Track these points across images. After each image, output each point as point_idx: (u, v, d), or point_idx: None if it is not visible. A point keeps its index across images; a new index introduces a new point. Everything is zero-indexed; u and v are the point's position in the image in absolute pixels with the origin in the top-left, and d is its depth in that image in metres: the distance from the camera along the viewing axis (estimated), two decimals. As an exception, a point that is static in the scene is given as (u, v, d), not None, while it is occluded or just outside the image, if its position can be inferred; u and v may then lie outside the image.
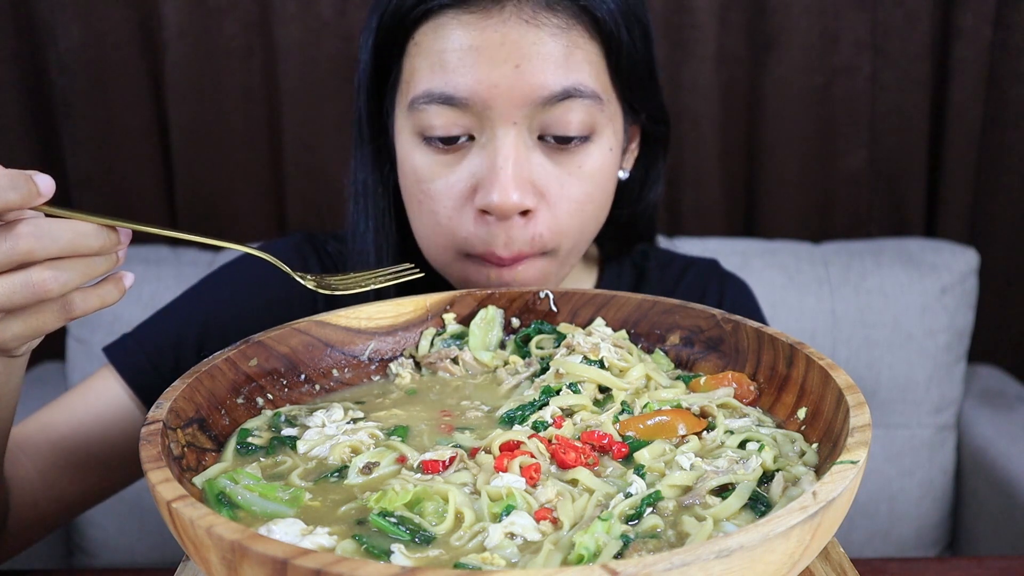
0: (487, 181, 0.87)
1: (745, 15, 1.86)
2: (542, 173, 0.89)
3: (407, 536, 0.55)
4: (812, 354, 0.70)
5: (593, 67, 0.89)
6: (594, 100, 0.88)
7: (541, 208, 0.89)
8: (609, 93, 0.92)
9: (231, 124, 1.90)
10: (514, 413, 0.73)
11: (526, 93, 0.85)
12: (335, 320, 0.82)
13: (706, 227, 1.96)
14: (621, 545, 0.53)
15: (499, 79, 0.85)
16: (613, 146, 0.93)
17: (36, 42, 1.86)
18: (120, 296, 0.70)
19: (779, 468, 0.62)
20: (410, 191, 0.94)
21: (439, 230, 0.92)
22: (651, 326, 0.85)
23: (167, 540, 1.68)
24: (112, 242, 0.67)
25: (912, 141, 1.92)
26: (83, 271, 0.66)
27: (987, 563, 0.95)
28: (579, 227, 0.93)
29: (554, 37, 0.86)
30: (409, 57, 0.91)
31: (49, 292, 0.64)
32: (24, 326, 0.67)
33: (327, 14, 1.84)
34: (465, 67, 0.85)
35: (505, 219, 0.88)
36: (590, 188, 0.91)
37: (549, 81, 0.85)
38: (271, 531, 0.55)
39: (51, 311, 0.67)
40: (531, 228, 0.89)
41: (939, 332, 1.73)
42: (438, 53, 0.87)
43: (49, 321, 0.67)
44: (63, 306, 0.67)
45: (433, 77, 0.87)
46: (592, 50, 0.89)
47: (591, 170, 0.91)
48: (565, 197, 0.90)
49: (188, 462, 0.63)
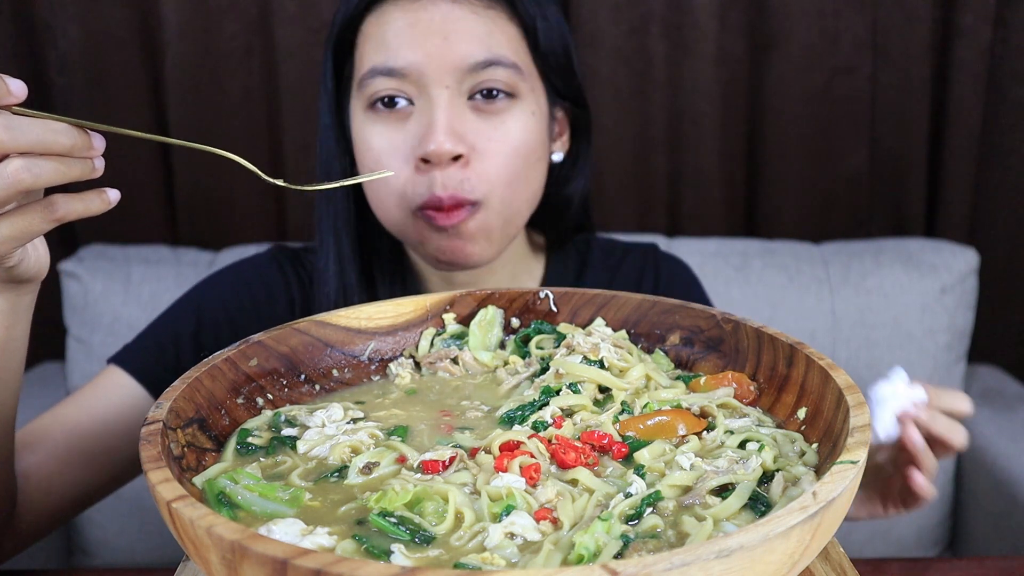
0: (424, 135, 0.98)
1: (745, 15, 1.86)
2: (472, 127, 1.00)
3: (407, 536, 0.55)
4: (812, 354, 0.70)
5: (512, 43, 1.02)
6: (514, 69, 1.01)
7: (473, 158, 1.00)
8: (529, 68, 1.04)
9: (231, 124, 1.90)
10: (514, 413, 0.73)
11: (454, 61, 0.98)
12: (335, 320, 0.82)
13: (706, 227, 1.96)
14: (621, 545, 0.53)
15: (431, 48, 0.98)
16: (535, 111, 1.05)
17: (36, 42, 1.85)
18: (103, 207, 0.71)
19: (779, 468, 0.62)
20: (363, 162, 1.05)
21: (387, 189, 1.02)
22: (651, 326, 0.85)
23: (167, 540, 1.68)
24: (83, 143, 0.68)
25: (912, 141, 1.91)
26: (57, 168, 0.67)
27: (987, 563, 0.95)
28: (507, 181, 1.02)
29: (476, 14, 1.00)
30: (359, 47, 1.04)
31: (22, 181, 0.65)
32: (11, 227, 0.68)
33: (327, 14, 1.83)
34: (402, 42, 0.99)
35: (441, 165, 0.98)
36: (515, 143, 1.02)
37: (473, 51, 0.99)
38: (271, 531, 0.55)
39: (34, 211, 0.68)
40: (464, 173, 0.99)
41: (939, 332, 1.73)
42: (380, 36, 1.01)
43: (35, 222, 0.68)
44: (46, 206, 0.68)
45: (377, 55, 1.00)
46: (511, 30, 1.03)
47: (515, 127, 1.02)
48: (492, 150, 1.01)
49: (188, 462, 0.63)
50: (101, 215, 0.71)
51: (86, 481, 1.00)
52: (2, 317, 0.78)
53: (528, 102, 1.04)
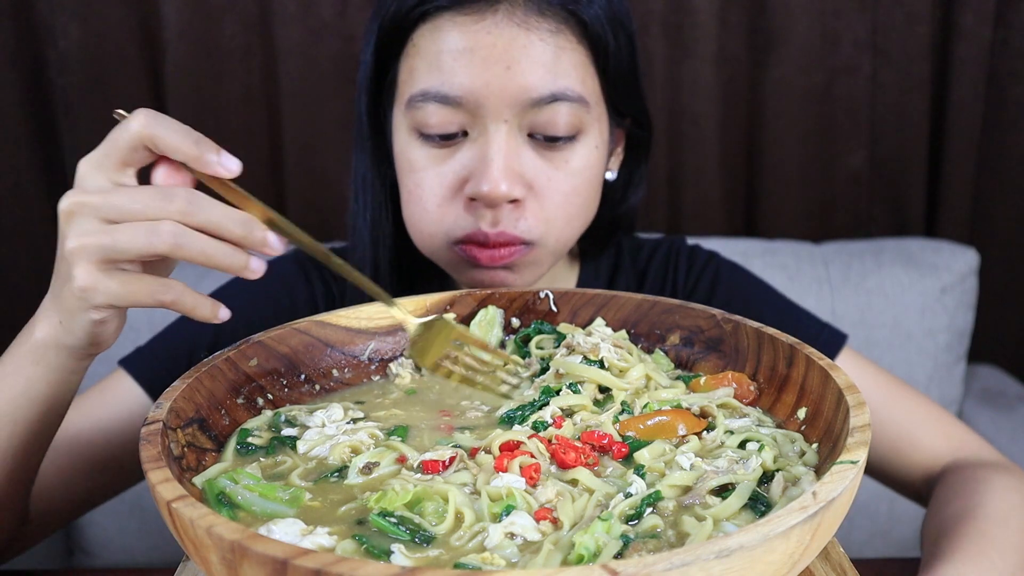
0: (478, 172, 0.91)
1: (745, 15, 1.86)
2: (531, 167, 0.92)
3: (407, 536, 0.55)
4: (812, 354, 0.70)
5: (579, 70, 0.93)
6: (580, 103, 0.92)
7: (529, 199, 0.93)
8: (595, 96, 0.96)
9: (231, 124, 1.90)
10: (514, 413, 0.73)
11: (515, 94, 0.89)
12: (335, 320, 0.82)
13: (706, 227, 1.96)
14: (621, 545, 0.53)
15: (491, 79, 0.89)
16: (599, 144, 0.97)
17: (36, 42, 1.85)
18: (210, 318, 0.69)
19: (779, 468, 0.62)
20: (404, 183, 0.97)
21: (427, 217, 0.95)
22: (651, 326, 0.85)
23: (167, 540, 1.67)
24: (258, 239, 0.67)
25: (912, 141, 1.91)
26: (205, 248, 0.65)
27: (987, 563, 0.95)
28: (565, 220, 0.96)
29: (543, 40, 0.90)
30: (407, 57, 0.94)
31: (161, 242, 0.64)
32: (122, 286, 0.66)
33: (327, 14, 1.83)
34: (459, 67, 0.89)
35: (493, 208, 0.91)
36: (577, 183, 0.95)
37: (538, 84, 0.89)
38: (271, 531, 0.55)
39: (149, 284, 0.66)
40: (519, 212, 0.93)
41: (939, 332, 1.73)
42: (435, 54, 0.91)
43: (141, 291, 0.66)
44: (162, 285, 0.67)
45: (430, 77, 0.91)
46: (580, 53, 0.93)
47: (578, 167, 0.94)
48: (552, 190, 0.93)
49: (188, 462, 0.63)
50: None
51: (87, 488, 0.99)
52: (67, 375, 0.76)
53: (592, 136, 0.95)
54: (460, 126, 0.92)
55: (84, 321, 0.70)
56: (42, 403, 0.77)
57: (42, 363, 0.74)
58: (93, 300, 0.67)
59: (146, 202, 0.65)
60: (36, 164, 1.88)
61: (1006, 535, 0.82)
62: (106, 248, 0.65)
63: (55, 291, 0.72)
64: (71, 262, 0.66)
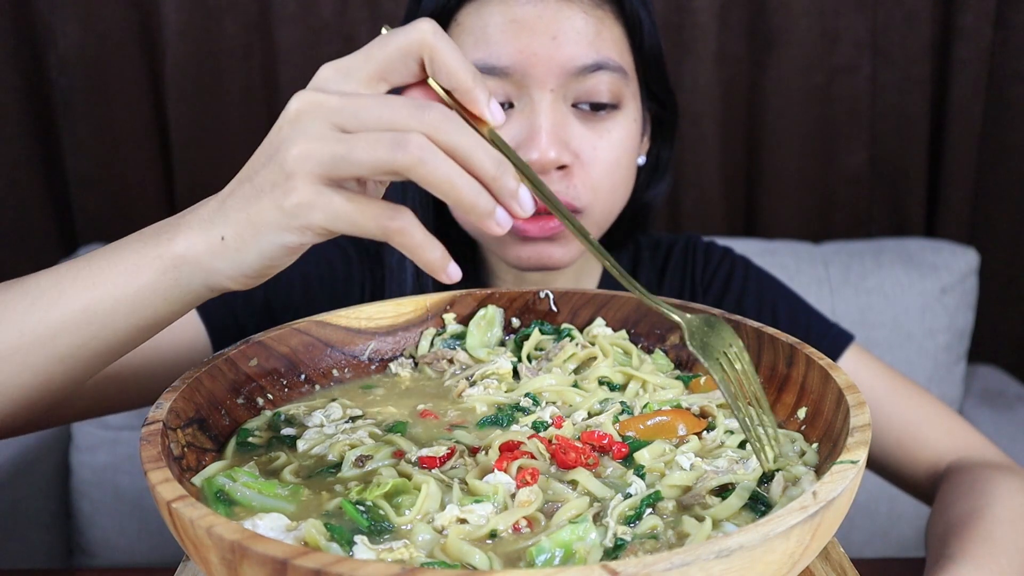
0: (526, 140, 0.93)
1: (745, 15, 1.86)
2: (576, 135, 0.95)
3: (366, 523, 0.55)
4: (812, 354, 0.70)
5: (618, 44, 0.98)
6: (621, 74, 0.97)
7: (576, 167, 0.95)
8: (632, 70, 1.00)
9: (231, 124, 1.90)
10: (495, 418, 0.72)
11: (562, 63, 0.93)
12: (335, 320, 0.82)
13: (706, 227, 1.96)
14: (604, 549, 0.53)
15: (537, 48, 0.92)
16: (636, 118, 1.01)
17: (36, 42, 1.85)
18: (439, 267, 0.56)
19: (779, 468, 0.62)
20: None
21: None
22: (651, 326, 0.85)
23: (167, 540, 1.68)
24: (511, 187, 0.55)
25: (912, 141, 1.91)
26: (452, 179, 0.53)
27: (987, 563, 0.95)
28: (609, 189, 0.98)
29: (585, 14, 0.95)
30: (452, 37, 0.96)
31: (407, 156, 0.52)
32: (344, 204, 0.55)
33: (327, 14, 1.83)
34: (506, 39, 0.92)
35: (543, 175, 0.94)
36: (618, 153, 0.98)
37: (582, 53, 0.93)
38: (256, 525, 0.54)
39: (379, 209, 0.55)
40: (567, 180, 0.95)
41: (939, 332, 1.73)
42: (481, 29, 0.94)
43: (368, 212, 0.54)
44: (395, 211, 0.55)
45: (476, 50, 0.94)
46: (618, 29, 0.98)
47: (619, 137, 0.98)
48: (597, 159, 0.96)
49: (188, 462, 0.63)
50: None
51: (113, 399, 0.92)
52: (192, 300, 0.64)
53: (631, 108, 1.00)
54: (506, 96, 0.94)
55: (272, 245, 0.58)
56: (147, 318, 0.65)
57: (169, 275, 0.62)
58: (307, 218, 0.56)
59: (396, 108, 0.55)
60: (36, 164, 1.88)
61: (1014, 538, 0.82)
62: (338, 158, 0.54)
63: (235, 203, 0.59)
64: (291, 171, 0.55)
